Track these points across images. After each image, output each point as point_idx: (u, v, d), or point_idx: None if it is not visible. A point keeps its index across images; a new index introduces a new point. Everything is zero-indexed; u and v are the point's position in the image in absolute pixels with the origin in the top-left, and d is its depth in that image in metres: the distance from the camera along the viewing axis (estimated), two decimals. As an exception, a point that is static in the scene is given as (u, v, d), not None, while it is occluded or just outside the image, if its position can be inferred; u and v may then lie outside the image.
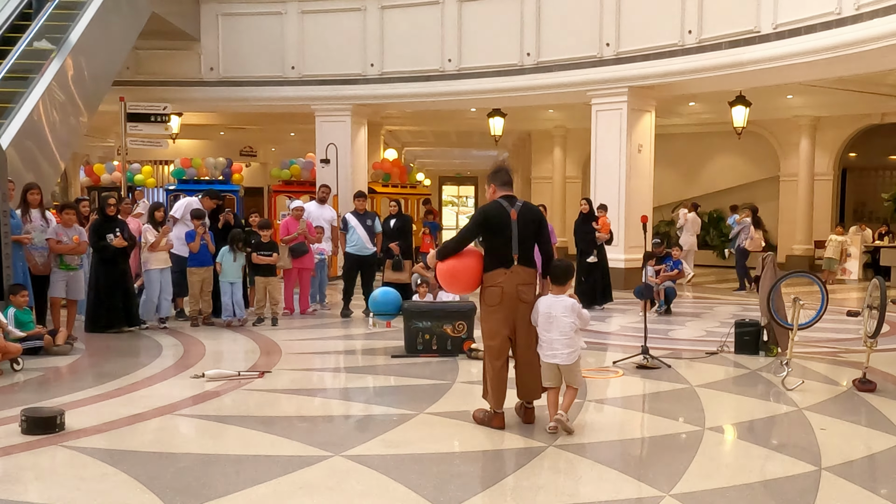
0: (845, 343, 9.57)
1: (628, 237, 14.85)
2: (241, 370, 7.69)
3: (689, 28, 13.86)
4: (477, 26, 16.07)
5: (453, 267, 5.94)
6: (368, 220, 11.90)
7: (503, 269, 5.78)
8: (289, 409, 6.67)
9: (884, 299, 7.08)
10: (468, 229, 5.99)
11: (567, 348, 5.70)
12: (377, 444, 5.45)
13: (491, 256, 5.85)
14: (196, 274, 10.67)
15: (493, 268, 5.81)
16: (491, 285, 5.82)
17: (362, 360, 9.04)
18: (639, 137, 15.30)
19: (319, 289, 12.55)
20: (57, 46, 12.83)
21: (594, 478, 4.88)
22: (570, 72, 15.24)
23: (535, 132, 24.70)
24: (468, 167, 40.08)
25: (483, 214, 5.96)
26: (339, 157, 17.15)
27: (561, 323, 5.70)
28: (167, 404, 6.54)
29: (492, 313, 5.86)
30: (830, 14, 11.89)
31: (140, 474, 4.78)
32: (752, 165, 22.56)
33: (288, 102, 17.53)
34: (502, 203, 5.87)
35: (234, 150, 23.73)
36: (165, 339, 9.67)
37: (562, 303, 5.75)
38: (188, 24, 16.92)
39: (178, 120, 18.32)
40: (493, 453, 5.45)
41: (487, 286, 5.85)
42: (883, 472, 5.20)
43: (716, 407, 6.65)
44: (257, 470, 4.89)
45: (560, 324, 5.70)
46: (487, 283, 5.85)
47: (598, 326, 11.07)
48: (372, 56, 16.86)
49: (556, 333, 5.70)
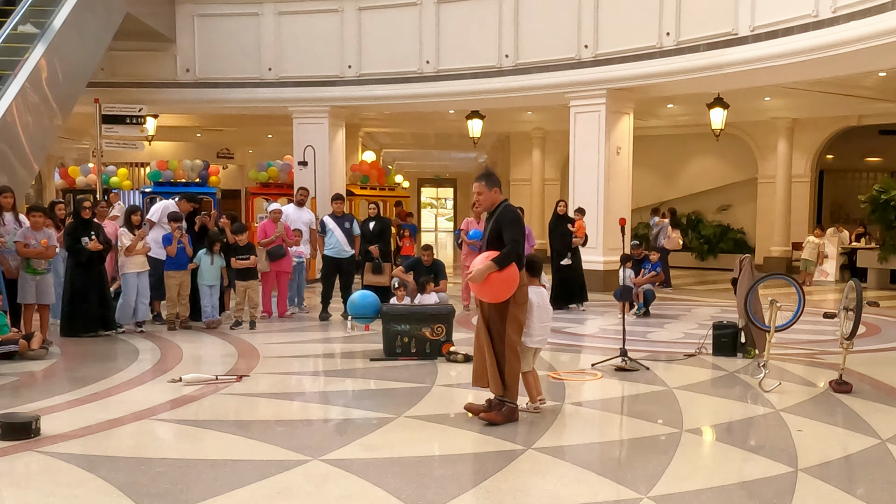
0: (822, 345, 9.60)
1: (607, 239, 14.85)
2: (219, 374, 7.63)
3: (667, 30, 13.90)
4: (455, 28, 16.05)
5: (511, 275, 5.86)
6: (346, 223, 11.84)
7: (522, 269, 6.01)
8: (267, 413, 6.60)
9: (860, 301, 7.10)
10: (521, 238, 5.99)
11: (548, 334, 6.51)
12: (356, 448, 5.42)
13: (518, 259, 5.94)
14: (173, 277, 10.59)
15: (521, 268, 5.97)
16: (522, 285, 5.99)
17: (341, 363, 8.98)
18: (617, 139, 15.32)
19: (298, 292, 12.49)
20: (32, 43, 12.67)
21: (573, 480, 4.87)
22: (548, 74, 15.25)
23: (514, 134, 24.70)
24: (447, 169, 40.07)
25: (519, 217, 6.12)
26: (317, 160, 17.07)
27: (549, 311, 6.43)
28: (144, 409, 6.48)
29: (521, 312, 6.03)
30: (807, 17, 11.96)
31: (116, 480, 4.73)
32: (729, 167, 22.67)
33: (265, 104, 17.44)
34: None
35: (210, 153, 23.58)
36: (142, 344, 9.57)
37: (546, 293, 6.46)
38: (163, 24, 16.78)
39: (154, 122, 18.20)
40: (473, 456, 5.45)
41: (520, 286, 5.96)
42: (859, 472, 5.20)
43: (694, 409, 6.67)
44: (235, 474, 4.85)
45: (549, 312, 6.42)
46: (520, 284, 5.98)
47: (576, 328, 11.10)
48: (349, 57, 16.79)
49: (546, 321, 6.32)
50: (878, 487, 4.78)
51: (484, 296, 6.00)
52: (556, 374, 7.86)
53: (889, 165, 22.06)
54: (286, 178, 17.85)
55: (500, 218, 5.98)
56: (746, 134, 21.60)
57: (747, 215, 22.39)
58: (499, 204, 6.08)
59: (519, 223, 6.02)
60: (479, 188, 6.09)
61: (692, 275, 20.42)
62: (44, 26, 12.94)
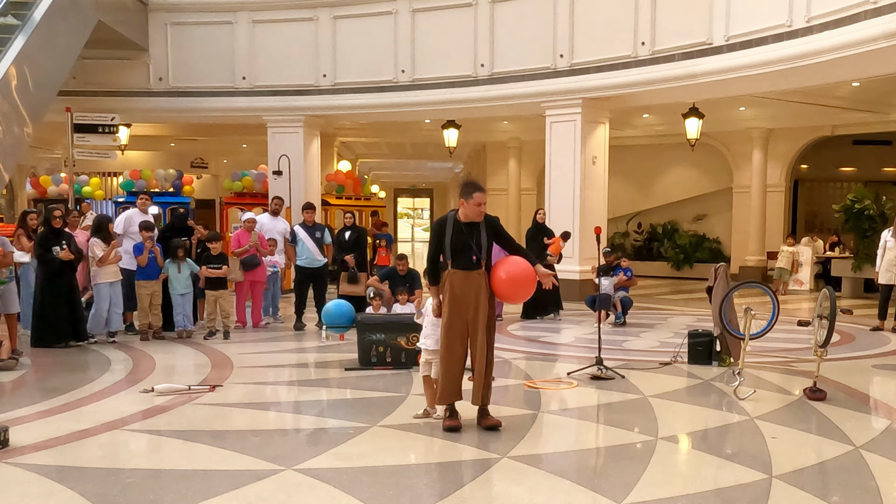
0: (796, 353, 9.64)
1: (583, 249, 14.83)
2: (192, 384, 7.58)
3: (642, 40, 13.93)
4: (430, 37, 16.02)
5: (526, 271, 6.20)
6: (317, 233, 11.77)
7: None
8: (240, 423, 6.56)
9: (833, 309, 7.13)
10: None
11: None
12: (330, 458, 5.40)
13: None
14: (145, 287, 10.51)
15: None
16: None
17: (315, 373, 8.94)
18: (593, 149, 15.33)
19: (272, 302, 12.43)
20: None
21: (548, 488, 4.86)
22: (524, 83, 15.25)
23: (490, 144, 24.72)
24: (423, 179, 40.06)
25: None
26: (292, 169, 16.97)
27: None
28: (116, 419, 6.43)
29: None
30: (782, 26, 12.02)
31: (87, 491, 4.69)
32: (705, 177, 22.79)
33: (239, 113, 17.31)
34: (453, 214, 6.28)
35: (184, 162, 23.40)
36: (114, 354, 9.49)
37: None
38: (136, 33, 16.63)
39: (127, 131, 18.05)
40: (448, 465, 5.46)
41: None
42: (833, 479, 5.21)
43: (669, 417, 6.66)
44: (207, 484, 4.82)
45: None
46: None
47: (551, 338, 11.09)
48: (324, 66, 16.72)
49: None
50: (852, 494, 4.80)
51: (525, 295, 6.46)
52: (531, 383, 7.85)
53: (863, 175, 22.24)
54: (261, 188, 17.74)
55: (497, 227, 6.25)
56: (721, 144, 21.72)
57: (723, 225, 22.50)
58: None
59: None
60: (484, 198, 6.17)
61: (668, 284, 20.49)
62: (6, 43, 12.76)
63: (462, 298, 6.04)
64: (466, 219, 6.10)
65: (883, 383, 8.51)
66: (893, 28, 10.34)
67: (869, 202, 16.41)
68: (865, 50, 10.93)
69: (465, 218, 6.10)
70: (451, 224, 6.09)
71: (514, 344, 10.42)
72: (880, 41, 10.59)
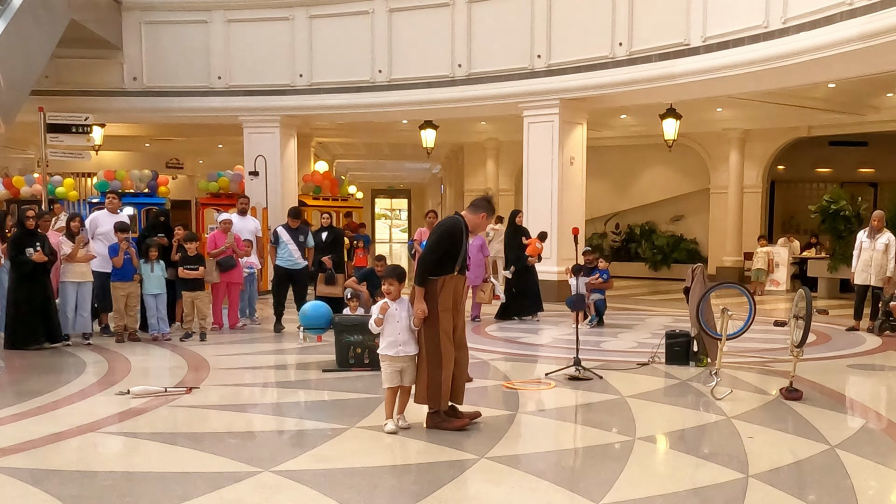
0: (773, 353, 9.68)
1: (561, 250, 14.81)
2: (168, 386, 7.51)
3: (619, 40, 13.94)
4: (408, 37, 15.97)
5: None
6: (301, 236, 11.66)
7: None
8: (218, 425, 6.51)
9: (810, 309, 7.17)
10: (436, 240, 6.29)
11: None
12: (308, 459, 5.38)
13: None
14: (120, 289, 10.39)
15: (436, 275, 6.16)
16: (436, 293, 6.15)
17: (293, 374, 8.90)
18: (571, 150, 15.32)
19: (249, 303, 12.33)
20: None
21: (526, 489, 4.87)
22: (501, 83, 15.22)
23: (468, 144, 24.68)
24: (401, 180, 39.99)
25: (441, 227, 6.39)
26: (269, 170, 16.87)
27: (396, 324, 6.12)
28: (91, 422, 6.37)
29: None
30: (758, 27, 12.06)
31: (63, 494, 4.65)
32: (682, 178, 22.85)
33: (215, 113, 17.19)
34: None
35: (159, 163, 23.25)
36: (89, 356, 9.39)
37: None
38: (110, 32, 16.46)
39: (101, 131, 17.85)
40: (426, 466, 5.43)
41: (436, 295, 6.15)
42: (809, 478, 5.23)
43: (647, 417, 6.67)
44: (184, 487, 4.79)
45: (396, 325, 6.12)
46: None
47: (530, 338, 11.06)
48: (301, 66, 16.63)
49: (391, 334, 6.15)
50: (828, 493, 4.84)
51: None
52: (509, 384, 7.84)
53: (839, 176, 22.41)
54: (237, 189, 17.56)
55: None
56: (699, 144, 21.80)
57: (700, 225, 22.58)
58: None
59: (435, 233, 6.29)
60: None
61: (645, 285, 20.52)
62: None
63: (456, 304, 6.18)
64: (474, 229, 6.32)
65: (858, 383, 8.57)
66: (869, 29, 10.40)
67: (845, 203, 16.51)
68: (841, 51, 10.98)
69: (472, 228, 6.29)
70: (465, 231, 6.23)
71: (493, 345, 10.39)
72: (856, 42, 10.64)
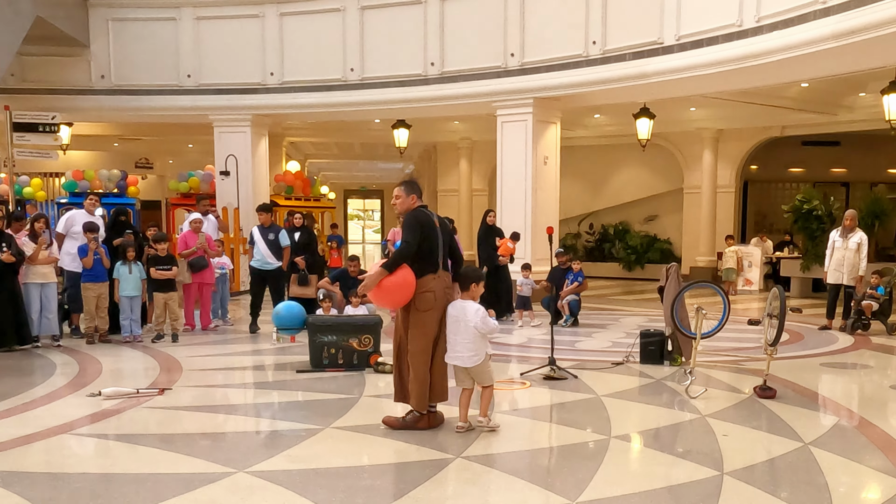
0: (747, 351, 9.75)
1: (535, 250, 14.72)
2: (140, 387, 7.47)
3: (593, 39, 13.86)
4: (380, 35, 15.81)
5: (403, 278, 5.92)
6: (270, 234, 11.50)
7: (433, 275, 6.01)
8: (191, 426, 6.45)
9: (783, 308, 7.23)
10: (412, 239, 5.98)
11: (469, 351, 5.93)
12: (282, 460, 5.37)
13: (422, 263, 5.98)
14: (91, 290, 10.27)
15: (425, 273, 5.98)
16: (425, 290, 5.98)
17: (266, 375, 8.84)
18: (544, 149, 15.23)
19: (221, 304, 12.26)
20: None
21: (502, 488, 4.92)
22: (474, 82, 15.11)
23: (441, 144, 24.59)
24: (374, 180, 39.86)
25: (417, 220, 6.06)
26: (240, 169, 16.72)
27: (468, 327, 5.90)
28: (62, 423, 6.33)
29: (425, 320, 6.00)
30: (732, 26, 12.02)
31: (34, 497, 4.64)
32: (656, 178, 22.88)
33: (184, 112, 16.95)
34: (427, 211, 6.18)
35: (129, 162, 23.08)
36: (60, 358, 9.31)
37: (470, 308, 5.96)
38: (76, 29, 16.17)
39: (69, 130, 17.65)
40: (401, 465, 5.43)
41: (421, 292, 5.98)
42: (783, 475, 5.26)
43: (622, 416, 6.71)
44: (157, 488, 4.78)
45: (467, 328, 5.90)
46: (421, 289, 5.97)
47: (504, 339, 11.03)
48: (271, 64, 16.44)
49: (462, 336, 5.92)
50: (802, 490, 4.87)
51: (380, 302, 6.20)
52: None
53: (812, 176, 22.55)
54: (208, 189, 17.37)
55: (403, 223, 6.12)
56: (672, 144, 21.82)
57: (674, 225, 22.62)
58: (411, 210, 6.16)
59: (411, 226, 6.02)
60: (398, 192, 6.28)
61: (620, 285, 20.53)
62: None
63: (441, 304, 6.06)
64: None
65: (831, 381, 8.63)
66: (842, 28, 10.39)
67: (817, 203, 16.60)
68: (815, 50, 10.96)
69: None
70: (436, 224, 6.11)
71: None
72: (829, 41, 10.63)
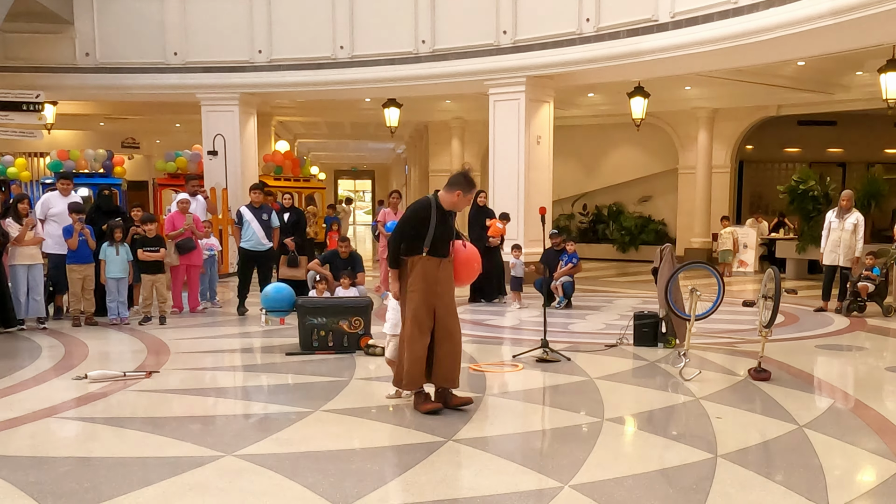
0: (741, 333, 9.70)
1: (528, 231, 14.55)
2: (127, 370, 7.39)
3: (586, 16, 13.63)
4: (370, 11, 15.58)
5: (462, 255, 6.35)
6: (264, 215, 11.36)
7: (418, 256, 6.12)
8: (179, 409, 6.41)
9: (778, 290, 7.19)
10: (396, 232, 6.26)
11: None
12: (271, 443, 5.34)
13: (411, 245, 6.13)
14: (76, 271, 10.13)
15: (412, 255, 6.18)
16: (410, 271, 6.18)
17: (255, 358, 8.74)
18: (537, 129, 15.01)
19: (210, 286, 12.13)
20: None
21: (494, 471, 4.84)
22: (466, 60, 14.87)
23: (433, 124, 24.37)
24: (364, 160, 39.60)
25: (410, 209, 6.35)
26: (228, 149, 16.51)
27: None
28: (47, 407, 6.28)
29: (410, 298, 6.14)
30: (727, 3, 11.83)
31: (20, 480, 4.58)
32: (651, 158, 22.71)
33: (171, 90, 16.70)
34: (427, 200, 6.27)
35: (115, 142, 22.91)
36: (45, 340, 9.21)
37: None
38: (60, 5, 15.89)
39: (53, 109, 17.36)
40: (393, 448, 5.38)
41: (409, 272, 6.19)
42: (777, 458, 5.23)
43: (615, 398, 6.65)
44: (145, 472, 4.74)
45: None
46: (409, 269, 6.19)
47: (497, 321, 10.97)
48: (260, 42, 16.18)
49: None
50: (796, 472, 4.84)
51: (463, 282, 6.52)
52: (476, 366, 7.78)
53: (807, 156, 22.44)
54: (195, 169, 17.14)
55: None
56: (667, 124, 21.64)
57: (668, 206, 22.47)
58: None
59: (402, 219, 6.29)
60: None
61: (613, 266, 20.46)
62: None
63: (433, 286, 6.06)
64: (451, 207, 6.16)
65: (826, 363, 8.60)
66: (839, 5, 10.21)
67: (813, 183, 16.51)
68: (811, 27, 10.79)
69: (449, 206, 6.14)
70: (435, 212, 6.06)
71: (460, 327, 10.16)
72: (826, 18, 10.46)
